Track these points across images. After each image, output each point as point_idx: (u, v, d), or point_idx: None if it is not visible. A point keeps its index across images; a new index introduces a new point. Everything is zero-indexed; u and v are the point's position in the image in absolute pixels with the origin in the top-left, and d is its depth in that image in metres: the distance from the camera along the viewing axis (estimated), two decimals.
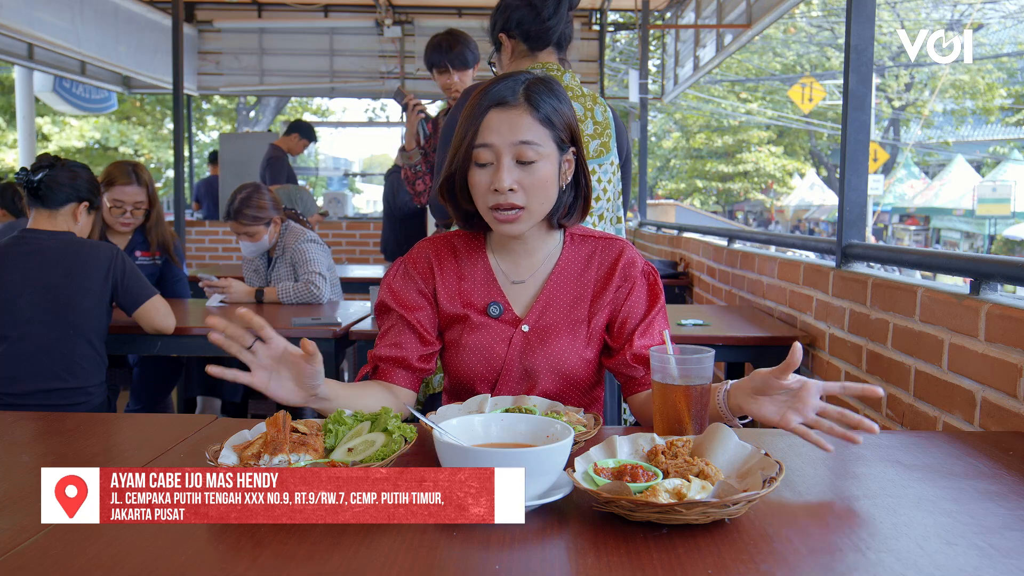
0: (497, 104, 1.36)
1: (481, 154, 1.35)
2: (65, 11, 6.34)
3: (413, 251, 1.52)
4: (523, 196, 1.35)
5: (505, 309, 1.46)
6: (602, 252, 1.49)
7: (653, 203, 12.47)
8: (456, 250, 1.50)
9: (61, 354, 2.40)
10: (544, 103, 1.37)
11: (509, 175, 1.34)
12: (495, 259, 1.50)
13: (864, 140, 2.49)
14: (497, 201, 1.35)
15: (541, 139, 1.36)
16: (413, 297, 1.47)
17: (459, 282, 1.48)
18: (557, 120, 1.38)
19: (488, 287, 1.47)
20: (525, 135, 1.34)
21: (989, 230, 17.47)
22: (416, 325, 1.45)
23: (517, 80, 1.37)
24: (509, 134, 1.34)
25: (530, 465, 0.96)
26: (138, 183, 3.20)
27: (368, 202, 25.58)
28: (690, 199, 25.59)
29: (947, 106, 21.85)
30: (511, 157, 1.34)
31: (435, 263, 1.49)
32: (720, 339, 2.68)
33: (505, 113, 1.35)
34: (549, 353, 1.44)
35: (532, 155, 1.35)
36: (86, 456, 1.24)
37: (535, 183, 1.35)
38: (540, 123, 1.36)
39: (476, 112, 1.36)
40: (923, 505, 1.03)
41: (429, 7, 8.47)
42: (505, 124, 1.35)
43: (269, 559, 0.87)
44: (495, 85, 1.37)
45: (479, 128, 1.35)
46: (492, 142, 1.34)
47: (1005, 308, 1.65)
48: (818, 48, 22.00)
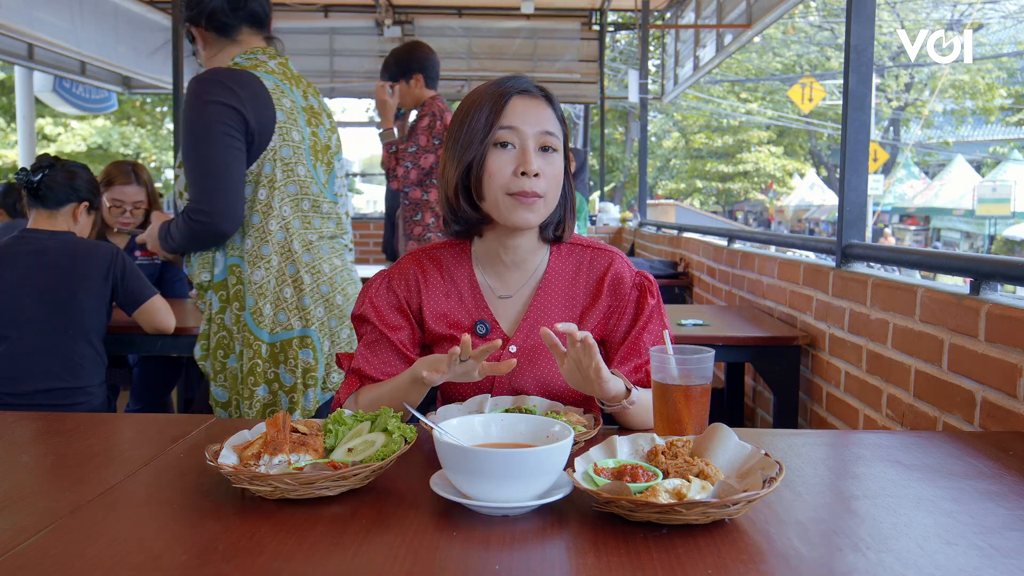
0: (520, 92, 1.35)
1: (505, 135, 1.32)
2: (65, 11, 6.34)
3: (398, 265, 1.47)
4: (544, 184, 1.33)
5: (492, 328, 1.42)
6: (590, 263, 1.45)
7: (653, 203, 12.45)
8: (442, 264, 1.45)
9: (61, 354, 2.40)
10: (556, 102, 1.38)
11: (536, 159, 1.32)
12: (481, 273, 1.45)
13: (864, 140, 2.49)
14: (522, 187, 1.31)
15: (558, 134, 1.36)
16: (393, 315, 1.43)
17: (445, 299, 1.44)
18: (564, 122, 1.39)
19: (475, 304, 1.43)
20: (548, 126, 1.34)
21: (989, 230, 17.48)
22: (398, 345, 1.42)
23: (524, 78, 1.38)
24: (536, 122, 1.33)
25: (530, 465, 0.96)
26: (138, 183, 3.20)
27: (368, 202, 25.59)
28: (690, 199, 25.60)
29: (947, 106, 21.85)
30: (535, 144, 1.33)
31: (421, 280, 1.44)
32: (720, 339, 2.68)
33: (530, 101, 1.35)
34: (537, 373, 1.41)
35: (554, 144, 1.34)
36: (86, 456, 1.24)
37: (555, 175, 1.34)
38: (557, 119, 1.36)
39: (496, 99, 1.34)
40: (923, 505, 1.03)
41: (429, 7, 8.47)
42: (531, 111, 1.34)
43: (269, 559, 0.87)
44: (505, 80, 1.37)
45: (504, 111, 1.33)
46: (517, 125, 1.32)
47: (1005, 308, 1.65)
48: (818, 48, 22.00)
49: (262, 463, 1.05)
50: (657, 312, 1.44)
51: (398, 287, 1.44)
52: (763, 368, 2.79)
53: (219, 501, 1.03)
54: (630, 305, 1.43)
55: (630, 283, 1.44)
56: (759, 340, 2.73)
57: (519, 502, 0.96)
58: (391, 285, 1.45)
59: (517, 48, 8.56)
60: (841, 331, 2.49)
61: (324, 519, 0.97)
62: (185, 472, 1.15)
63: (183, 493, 1.06)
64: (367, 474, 1.04)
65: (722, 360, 3.03)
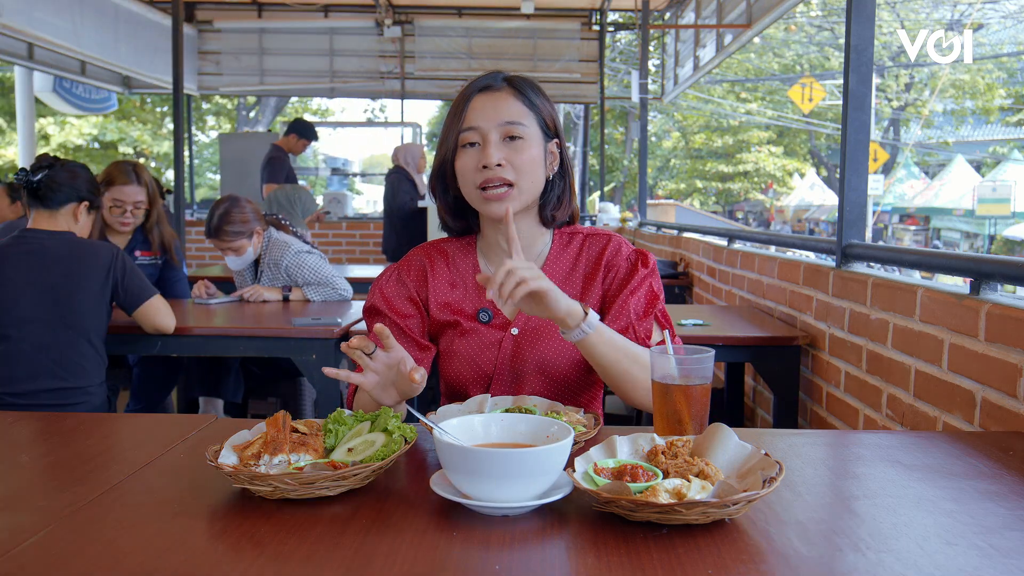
0: (481, 90, 1.39)
1: (468, 136, 1.37)
2: (65, 11, 6.34)
3: (408, 257, 1.53)
4: (512, 172, 1.36)
5: (495, 313, 1.46)
6: (589, 247, 1.49)
7: (653, 203, 12.46)
8: (448, 256, 1.51)
9: (61, 354, 2.40)
10: (525, 89, 1.41)
11: (497, 151, 1.35)
12: (484, 262, 1.50)
13: (864, 140, 2.49)
14: (485, 177, 1.35)
15: (526, 120, 1.38)
16: (404, 304, 1.48)
17: (451, 289, 1.49)
18: (540, 105, 1.41)
19: (478, 292, 1.48)
20: (510, 115, 1.37)
21: (989, 230, 17.46)
22: (409, 332, 1.46)
23: (496, 73, 1.42)
24: (495, 115, 1.37)
25: (530, 465, 0.96)
26: (138, 183, 3.20)
27: (368, 202, 25.58)
28: (690, 199, 25.59)
29: (947, 106, 21.84)
30: (498, 136, 1.36)
31: (429, 270, 1.50)
32: (720, 339, 2.68)
33: (489, 96, 1.39)
34: (538, 355, 1.43)
35: (518, 132, 1.37)
36: (86, 456, 1.24)
37: (524, 161, 1.37)
38: (524, 105, 1.39)
39: (460, 102, 1.40)
40: (923, 505, 1.03)
41: (429, 7, 8.47)
42: (490, 106, 1.37)
43: (269, 559, 0.86)
44: (476, 80, 1.42)
45: (465, 113, 1.38)
46: (478, 124, 1.37)
47: (1005, 308, 1.65)
48: (818, 48, 21.99)
49: (262, 463, 1.05)
50: (647, 283, 1.45)
51: (407, 278, 1.50)
52: (763, 368, 2.78)
53: (219, 501, 1.03)
54: (622, 272, 1.46)
55: (625, 255, 1.47)
56: (759, 340, 2.73)
57: (519, 502, 0.96)
58: (400, 276, 1.50)
59: (517, 48, 8.57)
60: (841, 331, 2.49)
61: (324, 519, 0.97)
62: (185, 472, 1.15)
63: (183, 493, 1.06)
64: (367, 474, 1.04)
65: (722, 360, 3.03)
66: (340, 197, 8.87)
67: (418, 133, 10.95)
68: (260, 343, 2.81)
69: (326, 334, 2.73)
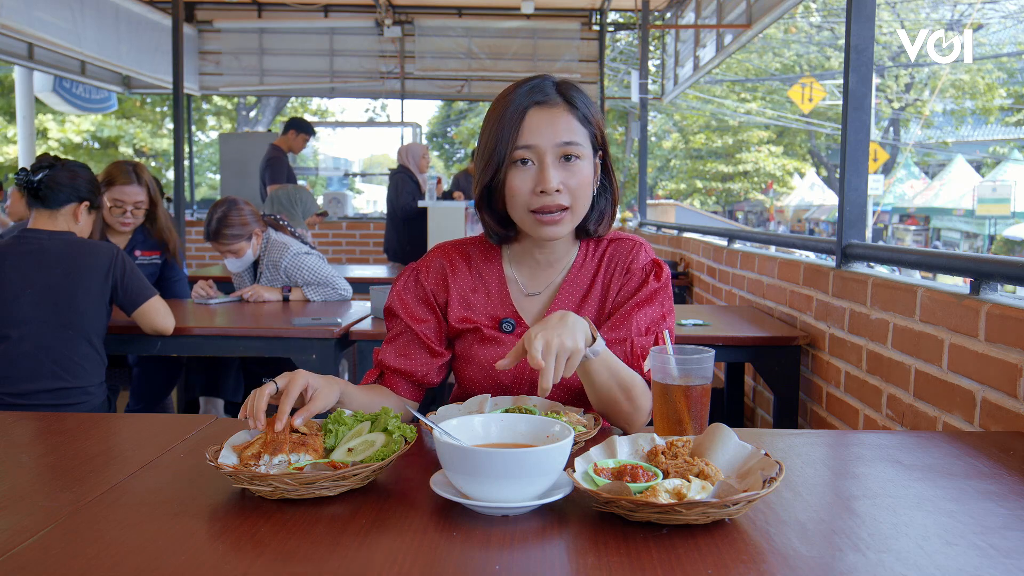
0: (536, 103, 1.32)
1: (522, 154, 1.31)
2: (65, 11, 6.34)
3: (426, 258, 1.48)
4: (568, 196, 1.32)
5: (517, 324, 1.43)
6: (612, 253, 1.45)
7: (653, 203, 12.47)
8: (470, 259, 1.47)
9: (61, 354, 2.40)
10: (579, 101, 1.34)
11: (555, 174, 1.30)
12: (512, 270, 1.46)
13: (864, 140, 2.49)
14: (543, 203, 1.30)
15: (582, 139, 1.33)
16: (420, 309, 1.45)
17: (472, 294, 1.45)
18: (592, 120, 1.36)
19: (501, 301, 1.44)
20: (568, 135, 1.31)
21: (989, 230, 17.46)
22: (423, 337, 1.43)
23: (545, 80, 1.35)
24: (552, 134, 1.31)
25: (530, 465, 0.96)
26: (138, 183, 3.20)
27: (368, 202, 25.58)
28: (690, 199, 25.58)
29: (947, 106, 21.84)
30: (554, 157, 1.31)
31: (449, 274, 1.45)
32: (720, 339, 2.68)
33: (546, 112, 1.32)
34: None
35: (575, 152, 1.32)
36: (86, 456, 1.24)
37: (580, 184, 1.32)
38: (579, 122, 1.33)
39: (512, 113, 1.32)
40: (923, 505, 1.03)
41: (429, 7, 8.47)
42: (547, 123, 1.31)
43: (269, 559, 0.87)
44: (524, 85, 1.34)
45: (520, 129, 1.31)
46: (535, 143, 1.30)
47: (1005, 308, 1.65)
48: (818, 48, 21.99)
49: (262, 463, 1.05)
50: (658, 298, 1.42)
51: (425, 280, 1.46)
52: (763, 368, 2.78)
53: (219, 501, 1.03)
54: (634, 280, 1.43)
55: (641, 264, 1.44)
56: (759, 340, 2.73)
57: (519, 502, 0.96)
58: (419, 278, 1.47)
59: (517, 48, 8.57)
60: (841, 331, 2.49)
61: (324, 519, 0.97)
62: (185, 472, 1.15)
63: (183, 493, 1.06)
64: (367, 474, 1.04)
65: (722, 360, 3.03)
66: (340, 197, 8.87)
67: (418, 133, 10.95)
68: (260, 343, 2.81)
69: (326, 334, 2.73)
